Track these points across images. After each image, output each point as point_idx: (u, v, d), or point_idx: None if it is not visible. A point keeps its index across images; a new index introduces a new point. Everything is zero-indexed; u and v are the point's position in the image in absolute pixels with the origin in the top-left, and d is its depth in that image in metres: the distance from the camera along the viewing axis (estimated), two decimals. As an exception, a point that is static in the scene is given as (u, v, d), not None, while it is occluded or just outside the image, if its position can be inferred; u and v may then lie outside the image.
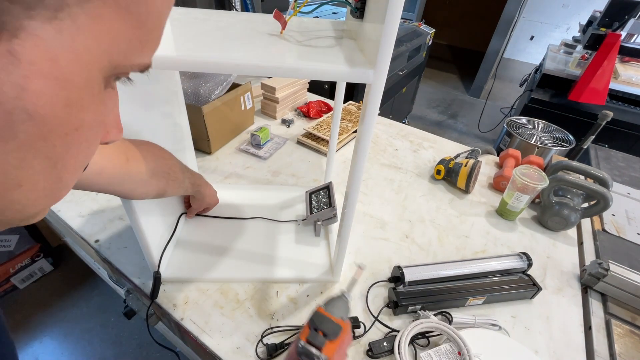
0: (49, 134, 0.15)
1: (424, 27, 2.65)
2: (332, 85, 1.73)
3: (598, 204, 0.79)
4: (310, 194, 0.81)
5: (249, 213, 0.81)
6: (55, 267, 1.60)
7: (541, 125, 1.79)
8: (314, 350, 0.38)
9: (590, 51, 2.06)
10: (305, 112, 1.28)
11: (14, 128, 0.14)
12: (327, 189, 0.79)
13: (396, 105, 2.58)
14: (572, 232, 0.86)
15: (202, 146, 1.03)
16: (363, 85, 0.41)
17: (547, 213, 0.85)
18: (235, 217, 0.79)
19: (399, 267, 0.66)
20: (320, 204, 0.76)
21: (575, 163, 0.87)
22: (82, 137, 0.17)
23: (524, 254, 0.71)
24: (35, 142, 0.15)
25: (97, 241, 0.73)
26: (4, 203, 0.16)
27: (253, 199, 0.85)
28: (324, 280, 0.68)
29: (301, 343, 0.39)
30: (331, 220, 0.73)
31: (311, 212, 0.75)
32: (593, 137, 1.57)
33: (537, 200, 0.91)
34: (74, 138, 0.16)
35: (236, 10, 2.37)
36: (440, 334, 0.58)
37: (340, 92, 0.75)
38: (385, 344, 0.56)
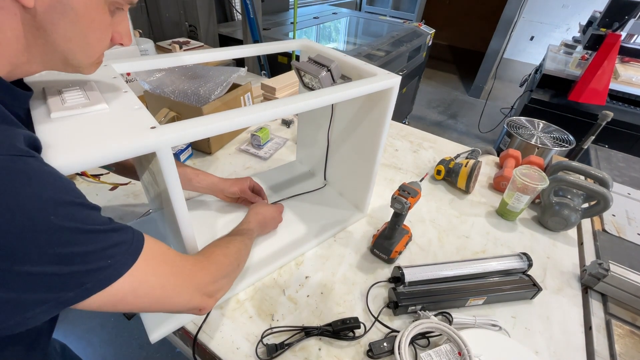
0: (80, 19, 0.34)
1: (424, 27, 2.65)
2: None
3: (598, 204, 0.79)
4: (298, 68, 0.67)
5: (275, 199, 0.88)
6: (56, 267, 1.60)
7: (541, 125, 1.79)
8: (402, 199, 0.65)
9: (590, 51, 2.06)
10: (306, 113, 1.28)
11: (66, 13, 0.32)
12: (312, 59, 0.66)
13: (396, 105, 2.58)
14: (572, 232, 0.86)
15: (202, 146, 1.03)
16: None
17: (547, 213, 0.85)
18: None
19: (399, 268, 0.66)
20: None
21: (575, 163, 0.87)
22: (96, 26, 0.36)
23: (524, 254, 0.71)
24: (75, 21, 0.33)
25: (97, 241, 0.73)
26: (71, 53, 0.36)
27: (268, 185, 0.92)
28: (357, 218, 0.84)
29: (394, 196, 0.66)
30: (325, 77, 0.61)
31: (304, 85, 0.68)
32: (593, 137, 1.56)
33: (537, 200, 0.91)
34: (92, 25, 0.35)
35: (236, 10, 2.37)
36: (440, 335, 0.58)
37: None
38: (385, 344, 0.56)
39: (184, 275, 0.41)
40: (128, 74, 1.10)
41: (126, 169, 0.71)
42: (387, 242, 0.72)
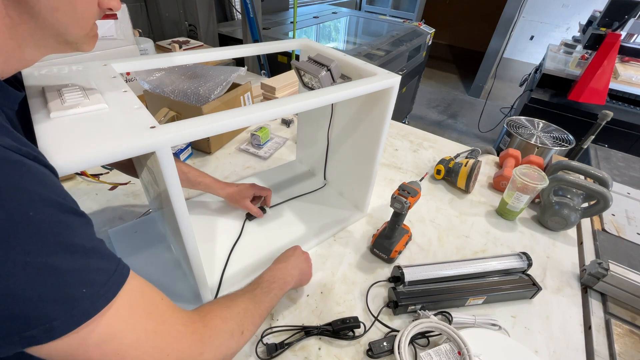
0: None
1: (424, 27, 2.65)
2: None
3: (598, 203, 0.79)
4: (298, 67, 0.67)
5: (275, 199, 0.87)
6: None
7: (541, 125, 1.79)
8: (402, 198, 0.65)
9: (590, 51, 2.06)
10: (305, 112, 1.28)
11: None
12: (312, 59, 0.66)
13: (396, 105, 2.58)
14: (572, 232, 0.86)
15: (202, 146, 1.03)
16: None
17: (547, 213, 0.85)
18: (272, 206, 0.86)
19: (398, 267, 0.66)
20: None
21: (575, 163, 0.87)
22: None
23: (524, 253, 0.71)
24: None
25: (97, 241, 0.73)
26: (62, 26, 0.33)
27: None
28: (357, 218, 0.84)
29: (394, 195, 0.66)
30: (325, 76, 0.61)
31: (304, 85, 0.68)
32: (593, 137, 1.57)
33: (537, 200, 0.91)
34: None
35: (236, 10, 2.37)
36: (440, 334, 0.58)
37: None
38: (385, 343, 0.56)
39: (169, 337, 0.32)
40: (127, 74, 1.10)
41: (126, 166, 0.71)
42: (387, 241, 0.72)
